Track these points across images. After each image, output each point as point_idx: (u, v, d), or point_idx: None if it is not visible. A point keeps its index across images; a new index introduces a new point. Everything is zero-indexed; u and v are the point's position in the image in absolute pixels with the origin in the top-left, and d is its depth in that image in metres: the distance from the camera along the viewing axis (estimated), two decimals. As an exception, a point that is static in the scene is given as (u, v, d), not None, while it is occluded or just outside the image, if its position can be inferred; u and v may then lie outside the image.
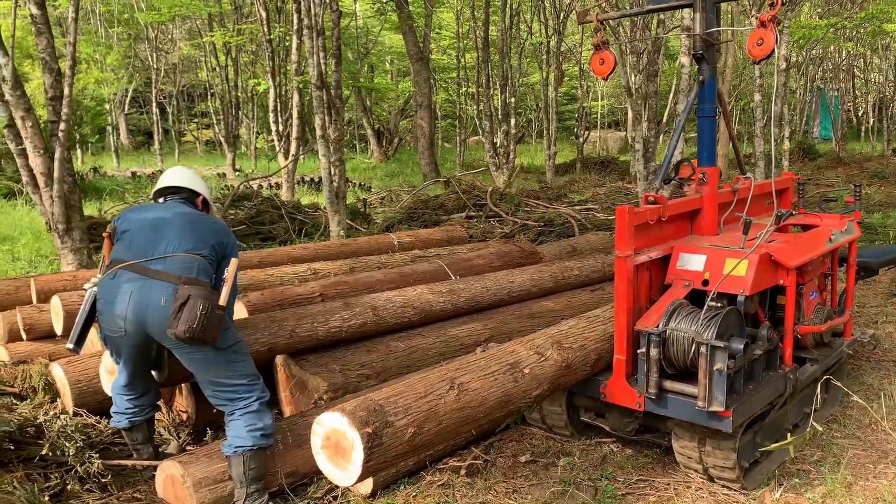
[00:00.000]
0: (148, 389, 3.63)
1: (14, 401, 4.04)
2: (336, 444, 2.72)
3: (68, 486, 3.35)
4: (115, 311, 3.27)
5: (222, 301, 3.23)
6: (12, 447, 3.44)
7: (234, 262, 3.41)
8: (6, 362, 4.65)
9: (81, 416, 4.05)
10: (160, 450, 3.80)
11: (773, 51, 3.63)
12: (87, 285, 3.44)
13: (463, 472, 3.74)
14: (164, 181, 3.76)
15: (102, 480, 3.45)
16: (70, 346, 3.39)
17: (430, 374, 3.14)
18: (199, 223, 3.52)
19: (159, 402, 3.80)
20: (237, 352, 3.40)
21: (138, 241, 3.39)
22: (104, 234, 3.57)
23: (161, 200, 3.70)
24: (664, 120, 14.53)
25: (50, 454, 3.45)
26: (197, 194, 3.77)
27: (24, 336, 4.86)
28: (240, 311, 4.45)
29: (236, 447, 3.23)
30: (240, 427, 3.27)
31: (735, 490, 3.52)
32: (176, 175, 3.81)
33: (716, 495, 3.50)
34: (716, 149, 4.14)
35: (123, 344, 3.36)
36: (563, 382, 3.60)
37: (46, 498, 3.17)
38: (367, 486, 3.50)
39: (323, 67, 8.86)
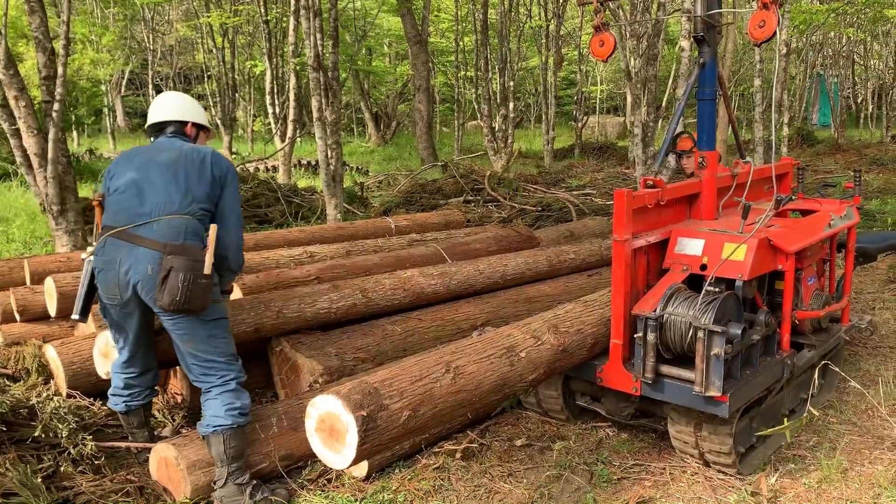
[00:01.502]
0: (148, 369, 3.56)
1: (7, 382, 4.02)
2: (330, 426, 2.70)
3: (61, 468, 3.33)
4: (109, 279, 3.24)
5: (206, 269, 3.16)
6: (5, 429, 3.42)
7: (213, 228, 3.28)
8: None
9: (75, 398, 4.04)
10: (155, 433, 3.76)
11: (775, 33, 3.59)
12: (83, 255, 3.42)
13: (458, 455, 3.74)
14: (151, 115, 3.61)
15: (96, 462, 3.44)
16: (75, 316, 3.40)
17: (425, 358, 3.11)
18: (187, 169, 3.35)
19: (157, 387, 3.74)
20: (220, 327, 3.34)
21: (125, 203, 3.30)
22: (93, 202, 3.51)
23: (152, 139, 3.58)
24: (663, 105, 14.46)
25: (43, 436, 3.43)
26: (185, 123, 3.61)
27: (17, 317, 4.84)
28: (235, 293, 4.42)
29: (215, 426, 3.20)
30: (217, 406, 3.24)
31: (731, 475, 3.51)
32: (162, 106, 3.62)
33: (711, 480, 3.49)
34: (715, 133, 4.10)
35: (123, 313, 3.32)
36: (560, 366, 3.58)
37: (39, 479, 3.15)
38: (362, 469, 3.49)
39: (320, 49, 8.78)
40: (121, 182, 3.36)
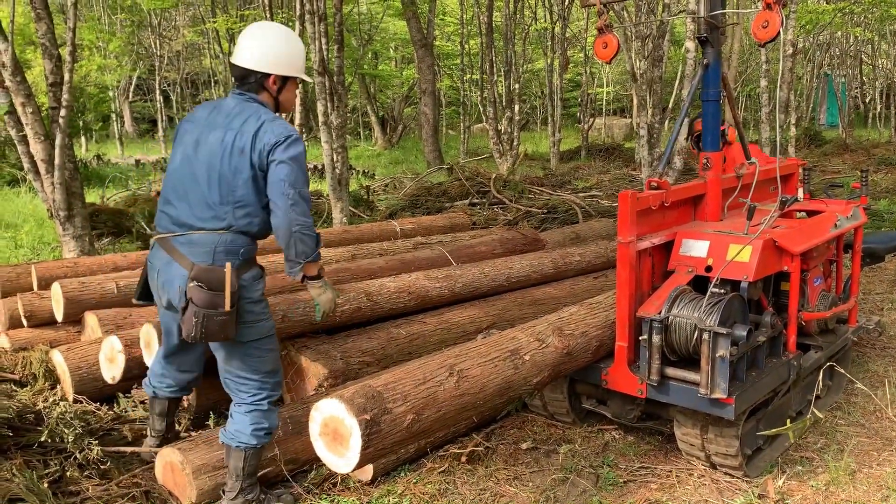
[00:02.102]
0: (185, 370, 3.45)
1: (14, 387, 4.03)
2: (334, 430, 2.70)
3: (67, 473, 3.33)
4: (151, 281, 3.20)
5: (226, 305, 2.91)
6: (11, 434, 3.43)
7: (227, 268, 2.95)
8: (6, 349, 4.64)
9: (82, 402, 4.05)
10: (167, 436, 3.63)
11: (779, 33, 3.57)
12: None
13: (464, 458, 3.73)
14: (236, 52, 3.13)
15: (102, 467, 3.45)
16: (135, 300, 3.38)
17: (429, 361, 3.11)
18: (226, 163, 2.97)
19: (192, 387, 3.59)
20: (257, 348, 3.13)
21: (170, 202, 3.10)
22: (153, 194, 3.45)
23: (230, 94, 3.17)
24: (669, 106, 14.41)
25: (49, 440, 3.44)
26: (267, 76, 3.11)
27: (24, 323, 4.85)
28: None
29: (239, 442, 3.09)
30: (245, 423, 3.10)
31: (737, 477, 3.49)
32: (244, 43, 3.10)
33: (718, 482, 3.47)
34: (720, 134, 4.08)
35: (163, 313, 3.27)
36: (564, 369, 3.57)
37: (45, 484, 3.16)
38: (367, 473, 3.49)
39: (325, 53, 8.80)
40: (172, 168, 3.15)
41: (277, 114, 3.19)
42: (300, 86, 12.90)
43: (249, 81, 3.11)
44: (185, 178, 3.07)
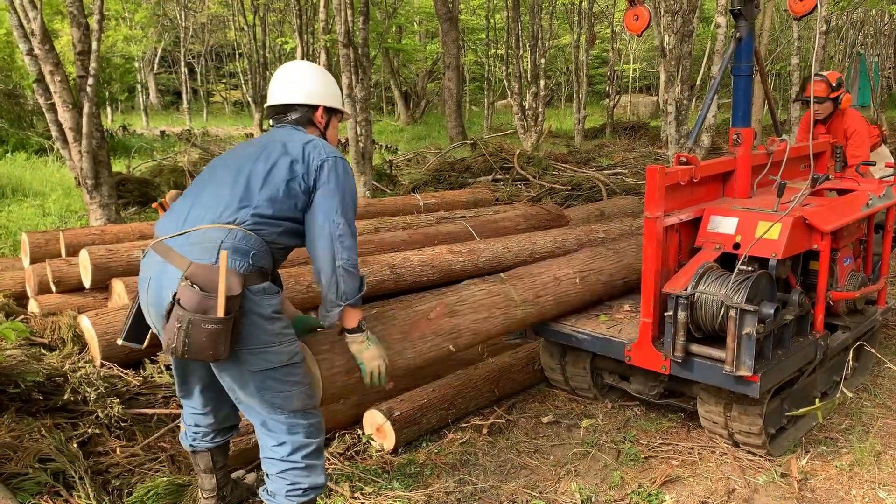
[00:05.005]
0: (214, 410, 2.81)
1: (43, 351, 4.09)
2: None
3: (96, 433, 3.39)
4: (142, 301, 2.59)
5: (219, 311, 2.29)
6: (41, 397, 3.49)
7: (223, 256, 2.37)
8: (36, 314, 4.71)
9: (111, 368, 4.10)
10: (236, 478, 3.11)
11: (816, 6, 3.49)
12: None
13: (485, 430, 3.75)
14: (272, 93, 2.84)
15: (129, 429, 3.50)
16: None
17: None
18: (257, 164, 2.59)
19: (235, 424, 2.94)
20: (276, 379, 2.49)
21: (178, 206, 2.63)
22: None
23: (272, 124, 2.85)
24: (697, 83, 14.20)
25: (72, 399, 3.49)
26: (314, 108, 2.82)
27: (53, 288, 4.92)
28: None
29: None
30: (280, 486, 2.54)
31: (760, 456, 3.48)
32: (286, 82, 2.82)
33: (740, 461, 3.46)
34: (751, 109, 4.01)
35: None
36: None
37: (75, 445, 3.22)
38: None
39: (350, 25, 8.75)
40: (194, 183, 2.72)
41: None
42: (324, 57, 12.83)
43: (293, 118, 2.80)
44: (201, 184, 2.68)
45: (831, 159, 4.68)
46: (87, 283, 4.74)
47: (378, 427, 3.57)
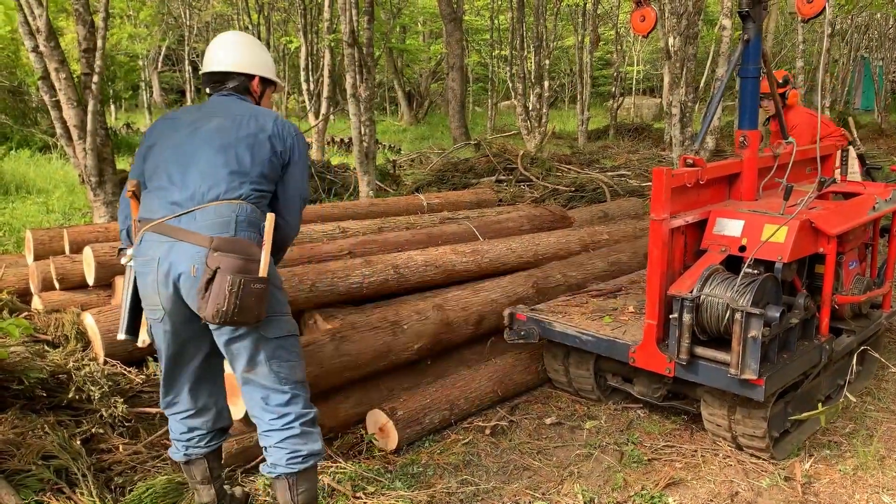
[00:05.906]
0: (208, 407, 2.84)
1: (46, 348, 4.09)
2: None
3: (99, 431, 3.39)
4: (149, 283, 2.61)
5: (262, 272, 2.49)
6: (45, 394, 3.49)
7: (269, 218, 2.57)
8: (39, 310, 4.71)
9: (115, 366, 4.10)
10: (228, 490, 3.05)
11: (824, 9, 3.48)
12: (123, 260, 2.78)
13: (488, 431, 3.74)
14: (208, 61, 2.90)
15: (132, 426, 3.50)
16: (121, 335, 2.81)
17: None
18: (240, 141, 2.68)
19: (227, 423, 2.95)
20: (285, 348, 2.66)
21: (164, 187, 2.66)
22: (127, 193, 2.81)
23: (208, 93, 2.92)
24: (701, 86, 14.16)
25: (76, 398, 3.49)
26: (251, 77, 2.92)
27: (56, 285, 4.91)
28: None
29: (279, 473, 2.65)
30: (279, 455, 2.64)
31: (764, 459, 3.47)
32: (222, 52, 2.89)
33: (744, 464, 3.45)
34: (758, 112, 4.00)
35: (166, 331, 2.68)
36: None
37: (78, 442, 3.22)
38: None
39: (355, 24, 8.74)
40: (160, 159, 2.73)
41: None
42: (328, 57, 12.82)
43: (231, 86, 2.88)
44: (183, 159, 2.69)
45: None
46: (90, 281, 4.74)
47: (381, 427, 3.57)
